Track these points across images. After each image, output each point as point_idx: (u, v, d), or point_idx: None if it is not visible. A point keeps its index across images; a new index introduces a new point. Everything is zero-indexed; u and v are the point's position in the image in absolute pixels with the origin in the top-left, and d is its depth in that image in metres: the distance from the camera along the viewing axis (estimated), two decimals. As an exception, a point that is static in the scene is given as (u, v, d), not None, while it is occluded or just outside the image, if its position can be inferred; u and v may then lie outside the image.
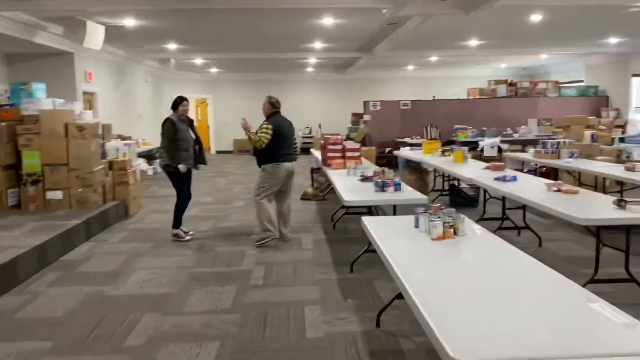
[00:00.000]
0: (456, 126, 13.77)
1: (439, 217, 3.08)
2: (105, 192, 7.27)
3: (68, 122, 6.81)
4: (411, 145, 12.67)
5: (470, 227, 3.32)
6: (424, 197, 4.57)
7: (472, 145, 13.36)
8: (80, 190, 6.85)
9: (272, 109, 5.89)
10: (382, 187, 4.91)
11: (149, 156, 13.71)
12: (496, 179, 5.50)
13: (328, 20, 8.97)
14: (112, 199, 7.45)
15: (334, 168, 6.95)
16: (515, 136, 13.67)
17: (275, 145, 5.63)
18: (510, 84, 15.48)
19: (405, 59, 15.53)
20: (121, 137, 11.28)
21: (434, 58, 15.24)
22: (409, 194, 4.80)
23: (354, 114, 15.87)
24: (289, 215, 6.04)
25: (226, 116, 18.80)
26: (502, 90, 15.19)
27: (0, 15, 7.56)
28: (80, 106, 7.55)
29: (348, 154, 7.18)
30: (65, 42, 9.49)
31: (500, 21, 9.53)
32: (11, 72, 10.16)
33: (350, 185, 5.49)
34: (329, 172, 6.71)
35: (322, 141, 8.00)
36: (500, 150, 11.09)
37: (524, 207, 5.78)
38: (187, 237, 6.19)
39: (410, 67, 18.08)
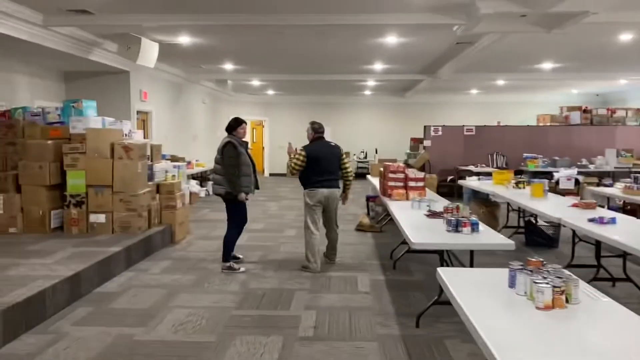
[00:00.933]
0: (525, 154, 12.83)
1: (547, 279, 2.35)
2: (151, 216, 6.88)
3: (114, 142, 6.47)
4: (477, 174, 11.84)
5: (584, 290, 2.57)
6: (510, 242, 3.82)
7: (544, 176, 12.43)
8: (124, 214, 6.47)
9: (315, 134, 5.84)
10: (456, 226, 4.20)
11: (202, 177, 13.46)
12: (591, 220, 4.67)
13: (392, 39, 8.38)
14: (157, 223, 7.05)
15: (394, 199, 6.27)
16: (591, 167, 12.57)
17: (310, 170, 5.62)
18: (585, 111, 14.35)
19: (469, 82, 14.72)
20: (174, 158, 11.03)
21: (500, 82, 14.36)
22: (491, 236, 4.06)
23: (413, 139, 15.13)
24: (336, 243, 6.04)
25: (281, 138, 18.47)
26: (575, 117, 14.09)
27: (57, 32, 7.41)
28: (130, 125, 7.24)
29: (411, 183, 6.49)
30: (121, 61, 9.33)
31: (582, 41, 8.67)
32: (69, 90, 10.12)
33: (415, 221, 4.79)
34: (389, 203, 6.04)
35: (381, 168, 7.35)
36: (577, 182, 10.08)
37: (624, 255, 4.90)
38: (242, 269, 5.71)
39: (474, 91, 17.22)
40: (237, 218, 5.74)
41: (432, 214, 4.99)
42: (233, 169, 5.42)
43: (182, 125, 13.25)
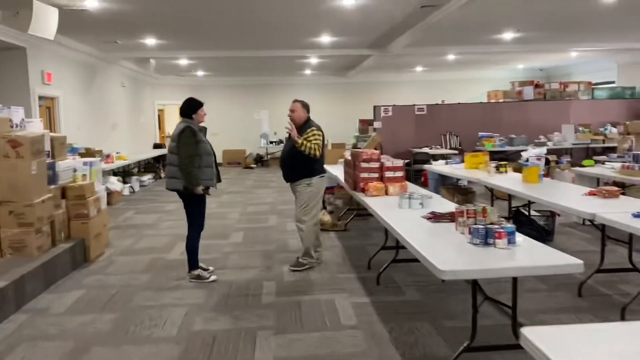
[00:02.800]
0: (481, 133, 11.99)
1: None
2: (55, 230, 5.28)
3: (-3, 135, 4.81)
4: (432, 156, 10.87)
5: None
6: (578, 262, 2.64)
7: (501, 156, 11.68)
8: (15, 230, 4.85)
9: (307, 114, 5.22)
10: (485, 238, 2.99)
11: (125, 172, 11.69)
12: (637, 215, 3.62)
13: (349, 1, 7.05)
14: (65, 239, 5.46)
15: (371, 194, 5.02)
16: (549, 144, 11.90)
17: (322, 154, 5.13)
18: (537, 86, 13.71)
19: (417, 58, 13.69)
20: (89, 152, 9.27)
21: (450, 57, 13.45)
22: (544, 253, 2.86)
23: (362, 121, 13.94)
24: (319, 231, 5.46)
25: (214, 125, 16.72)
26: (529, 92, 13.37)
27: None
28: (21, 113, 5.54)
29: (388, 174, 5.24)
30: (12, 33, 7.49)
31: (557, 5, 7.73)
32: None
33: (416, 229, 3.56)
34: (367, 202, 4.78)
35: (347, 156, 6.08)
36: (547, 162, 9.25)
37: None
38: (212, 277, 4.89)
39: (419, 69, 16.28)
40: (200, 216, 4.89)
41: (435, 217, 3.77)
42: (191, 159, 4.61)
43: (98, 112, 11.39)
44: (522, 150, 11.06)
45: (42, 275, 4.66)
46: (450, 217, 3.64)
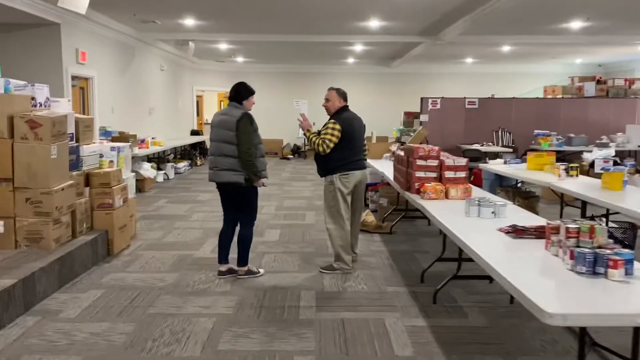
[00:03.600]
0: (536, 131, 11.12)
1: None
2: (76, 221, 4.82)
3: (15, 114, 4.34)
4: (485, 153, 10.09)
5: None
6: None
7: (559, 156, 10.85)
8: (32, 220, 4.40)
9: (342, 103, 4.73)
10: (593, 266, 2.32)
11: (160, 158, 11.30)
12: None
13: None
14: (87, 230, 5.00)
15: (429, 197, 4.36)
16: (612, 146, 10.93)
17: (345, 149, 4.58)
18: (599, 82, 12.68)
19: (468, 48, 12.83)
20: (122, 136, 8.88)
21: (506, 47, 12.55)
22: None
23: (408, 113, 13.16)
24: (357, 233, 5.00)
25: (253, 113, 16.33)
26: (590, 88, 12.36)
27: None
28: (46, 91, 5.08)
29: (448, 174, 4.58)
30: (47, 8, 7.10)
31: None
32: (-20, 47, 7.80)
33: (498, 247, 2.90)
34: (425, 206, 4.13)
35: (399, 151, 5.42)
36: (616, 164, 8.36)
37: None
38: (262, 271, 4.68)
39: (469, 60, 15.37)
40: (254, 210, 4.57)
41: (517, 231, 3.10)
42: (254, 149, 4.30)
43: (135, 95, 11.01)
44: (582, 151, 10.27)
45: (57, 271, 4.19)
46: (538, 233, 2.96)
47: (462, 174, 4.61)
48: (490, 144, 11.38)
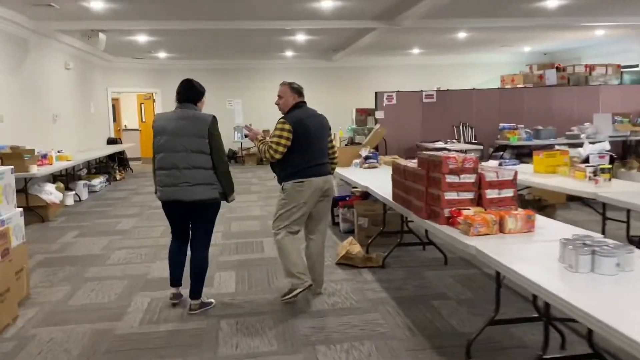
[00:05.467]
0: (502, 125, 10.13)
1: None
2: None
3: None
4: (449, 151, 8.88)
5: None
6: None
7: (523, 151, 9.92)
8: None
9: (297, 99, 4.06)
10: None
11: (68, 176, 9.24)
12: None
13: None
14: (-62, 310, 3.16)
15: (476, 233, 2.90)
16: (582, 137, 10.08)
17: (299, 152, 3.85)
18: (558, 69, 11.91)
19: (422, 35, 11.65)
20: (15, 152, 6.90)
21: (462, 34, 11.49)
22: None
23: (360, 110, 11.76)
24: (320, 261, 4.09)
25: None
26: (551, 76, 11.54)
27: None
28: None
29: (490, 194, 3.15)
30: None
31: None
32: None
33: None
34: (483, 250, 2.67)
35: (405, 163, 3.95)
36: (612, 160, 7.34)
37: None
38: (213, 301, 3.96)
39: (416, 51, 14.24)
40: (211, 232, 3.91)
41: None
42: (223, 157, 3.78)
43: (32, 100, 8.88)
44: (552, 145, 9.28)
45: None
46: None
47: (510, 193, 3.20)
48: (454, 140, 10.26)
